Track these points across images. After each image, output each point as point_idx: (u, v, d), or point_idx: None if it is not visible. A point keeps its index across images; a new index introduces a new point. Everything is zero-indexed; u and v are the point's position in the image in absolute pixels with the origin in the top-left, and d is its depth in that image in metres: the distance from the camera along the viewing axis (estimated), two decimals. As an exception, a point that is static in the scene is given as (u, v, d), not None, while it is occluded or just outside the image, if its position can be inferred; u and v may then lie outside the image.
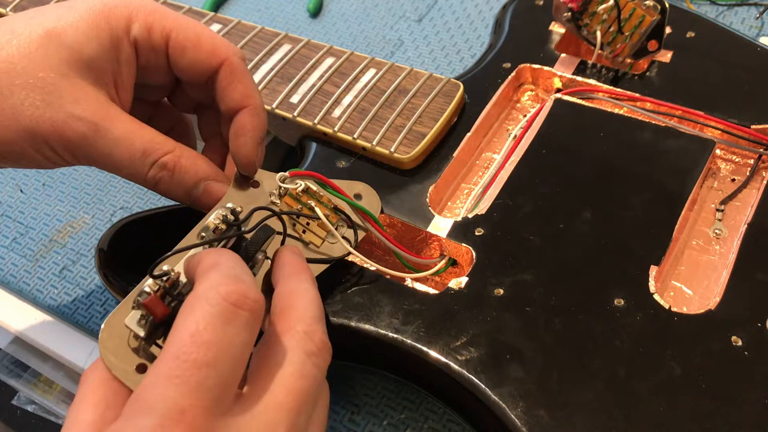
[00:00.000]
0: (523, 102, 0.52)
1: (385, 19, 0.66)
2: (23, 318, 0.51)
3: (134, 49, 0.37)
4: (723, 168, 0.47)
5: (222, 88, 0.39)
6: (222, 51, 0.38)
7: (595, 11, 0.50)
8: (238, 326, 0.27)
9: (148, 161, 0.36)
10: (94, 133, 0.35)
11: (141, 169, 0.36)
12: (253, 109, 0.39)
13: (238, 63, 0.39)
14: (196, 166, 0.38)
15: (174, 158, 0.37)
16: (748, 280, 0.39)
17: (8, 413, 0.58)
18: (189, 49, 0.38)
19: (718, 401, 0.35)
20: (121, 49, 0.37)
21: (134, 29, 0.37)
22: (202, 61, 0.38)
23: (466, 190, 0.48)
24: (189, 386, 0.26)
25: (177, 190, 0.38)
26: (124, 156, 0.36)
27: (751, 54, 0.50)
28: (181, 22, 0.38)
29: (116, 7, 0.37)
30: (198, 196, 0.38)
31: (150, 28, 0.37)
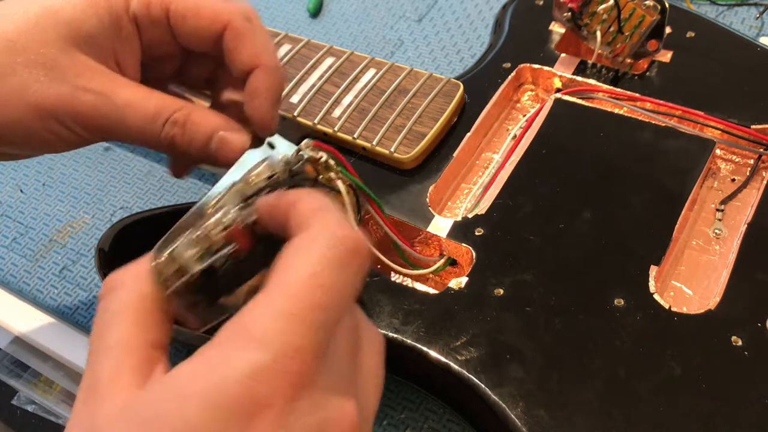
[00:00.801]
0: (523, 102, 0.52)
1: (385, 19, 0.66)
2: (23, 318, 0.51)
3: (135, 26, 0.37)
4: (723, 168, 0.47)
5: (229, 51, 0.37)
6: (223, 15, 0.37)
7: (595, 11, 0.50)
8: (351, 273, 0.26)
9: (160, 121, 0.36)
10: (104, 101, 0.35)
11: (155, 130, 0.36)
12: (265, 68, 0.37)
13: (242, 23, 0.37)
14: (207, 118, 0.37)
15: (184, 114, 0.36)
16: (748, 280, 0.39)
17: (8, 413, 0.58)
18: (189, 18, 0.37)
19: (718, 401, 0.35)
20: (122, 25, 0.36)
21: (133, 5, 0.36)
22: (205, 28, 0.37)
23: (466, 190, 0.48)
24: (305, 326, 0.24)
25: (193, 147, 0.37)
26: (137, 120, 0.35)
27: (751, 54, 0.50)
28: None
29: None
30: (214, 149, 0.37)
31: (148, 2, 0.37)
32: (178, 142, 0.36)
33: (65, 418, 0.54)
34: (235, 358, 0.24)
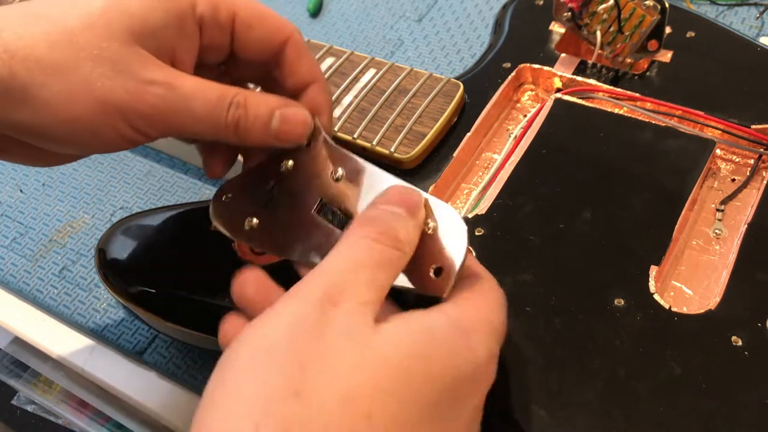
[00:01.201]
0: (523, 102, 0.52)
1: (385, 19, 0.66)
2: (23, 318, 0.51)
3: (198, 27, 0.36)
4: (723, 168, 0.47)
5: (290, 63, 0.38)
6: (287, 27, 0.38)
7: (595, 11, 0.50)
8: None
9: (224, 105, 0.35)
10: (171, 92, 0.34)
11: (220, 115, 0.36)
12: (322, 84, 0.39)
13: (301, 39, 0.38)
14: (264, 98, 0.37)
15: (243, 96, 0.36)
16: (749, 280, 0.39)
17: (8, 413, 0.58)
18: (256, 26, 0.37)
19: (718, 401, 0.35)
20: (186, 23, 0.36)
21: (200, 6, 0.36)
22: (270, 38, 0.38)
23: (466, 190, 0.48)
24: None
25: (256, 128, 0.36)
26: (203, 107, 0.35)
27: (751, 54, 0.50)
28: (243, 0, 0.37)
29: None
30: (278, 127, 0.37)
31: (215, 5, 0.36)
32: (242, 124, 0.36)
33: (65, 418, 0.54)
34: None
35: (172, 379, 0.47)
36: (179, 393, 0.46)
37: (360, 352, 0.27)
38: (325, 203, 0.36)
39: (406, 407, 0.26)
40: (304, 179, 0.37)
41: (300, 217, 0.36)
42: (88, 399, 0.54)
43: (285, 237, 0.36)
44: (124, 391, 0.47)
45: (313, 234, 0.35)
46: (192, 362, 0.47)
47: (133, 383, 0.47)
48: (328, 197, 0.36)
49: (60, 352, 0.50)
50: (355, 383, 0.26)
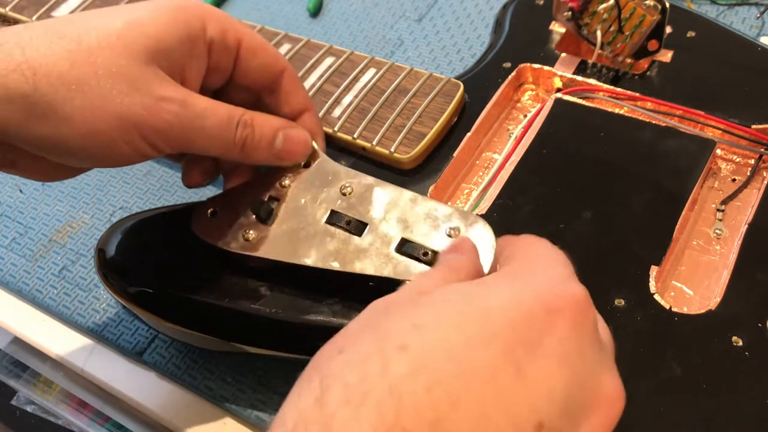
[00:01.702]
0: (523, 102, 0.52)
1: (385, 19, 0.66)
2: (23, 318, 0.51)
3: (207, 49, 0.38)
4: (723, 168, 0.47)
5: (286, 92, 0.41)
6: (282, 59, 0.41)
7: (596, 11, 0.50)
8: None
9: (233, 123, 0.38)
10: (185, 109, 0.36)
11: (230, 133, 0.38)
12: (313, 111, 0.43)
13: (294, 71, 0.42)
14: (269, 119, 0.40)
15: (250, 116, 0.39)
16: (749, 280, 0.39)
17: (8, 413, 0.58)
18: (259, 54, 0.40)
19: (718, 401, 0.35)
20: (197, 45, 0.38)
21: (210, 29, 0.38)
22: (270, 66, 0.40)
23: (467, 190, 0.48)
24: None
25: (261, 146, 0.39)
26: (215, 125, 0.37)
27: (752, 54, 0.50)
28: (247, 29, 0.40)
29: (193, 7, 0.38)
30: (281, 146, 0.40)
31: (224, 30, 0.38)
32: (248, 143, 0.39)
33: (65, 418, 0.54)
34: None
35: (171, 379, 0.47)
36: (179, 393, 0.46)
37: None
38: (335, 214, 0.40)
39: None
40: (309, 194, 0.41)
41: (311, 227, 0.40)
42: (88, 399, 0.54)
43: (295, 246, 0.39)
44: (124, 391, 0.47)
45: (329, 242, 0.39)
46: (192, 362, 0.47)
47: (132, 383, 0.47)
48: (341, 209, 0.40)
49: (59, 352, 0.49)
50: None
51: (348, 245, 0.39)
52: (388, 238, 0.39)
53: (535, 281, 0.29)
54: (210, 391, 0.45)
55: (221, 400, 0.45)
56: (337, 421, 0.24)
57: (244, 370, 0.46)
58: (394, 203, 0.40)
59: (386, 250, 0.38)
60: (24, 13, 0.56)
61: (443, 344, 0.26)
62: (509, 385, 0.25)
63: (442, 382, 0.25)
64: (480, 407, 0.25)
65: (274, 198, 0.41)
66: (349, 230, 0.39)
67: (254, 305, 0.40)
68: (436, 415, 0.24)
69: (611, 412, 0.27)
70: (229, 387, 0.45)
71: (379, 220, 0.39)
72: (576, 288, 0.29)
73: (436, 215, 0.39)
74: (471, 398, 0.25)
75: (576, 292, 0.28)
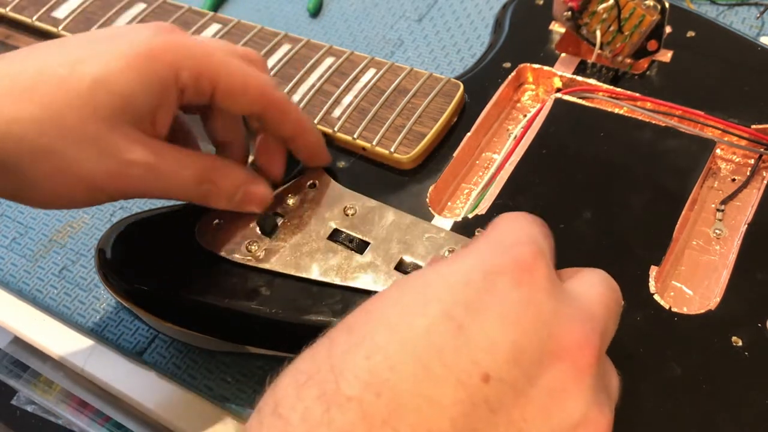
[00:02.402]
0: (523, 102, 0.52)
1: (385, 19, 0.66)
2: (23, 318, 0.51)
3: (180, 93, 0.38)
4: (723, 168, 0.47)
5: (275, 124, 0.41)
6: (268, 92, 0.39)
7: (595, 11, 0.50)
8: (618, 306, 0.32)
9: (198, 182, 0.38)
10: (149, 172, 0.36)
11: (192, 190, 0.38)
12: (309, 131, 0.43)
13: (281, 98, 0.40)
14: (234, 172, 0.40)
15: (216, 171, 0.39)
16: (749, 280, 0.39)
17: (8, 413, 0.58)
18: (238, 95, 0.39)
19: (718, 401, 0.35)
20: (167, 94, 0.37)
21: (183, 77, 0.37)
22: (251, 105, 0.40)
23: (467, 190, 0.48)
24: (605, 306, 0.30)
25: (221, 200, 0.39)
26: (179, 185, 0.38)
27: (752, 54, 0.50)
28: (227, 67, 0.38)
29: (164, 53, 0.36)
30: (239, 201, 0.40)
31: (198, 75, 0.37)
32: (209, 196, 0.39)
33: (65, 418, 0.54)
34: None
35: (172, 379, 0.47)
36: (179, 393, 0.46)
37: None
38: (337, 231, 0.42)
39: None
40: (313, 213, 0.43)
41: (314, 243, 0.41)
42: (88, 399, 0.54)
43: (297, 259, 0.41)
44: (124, 391, 0.47)
45: (331, 257, 0.41)
46: (192, 362, 0.47)
47: (132, 383, 0.47)
48: (344, 227, 0.42)
49: (60, 352, 0.49)
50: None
51: (350, 261, 0.40)
52: (388, 257, 0.40)
53: (478, 251, 0.29)
54: (210, 390, 0.46)
55: (221, 400, 0.45)
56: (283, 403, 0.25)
57: (244, 369, 0.46)
58: (396, 225, 0.42)
59: (386, 268, 0.40)
60: (24, 13, 0.56)
61: (382, 318, 0.27)
62: (447, 341, 0.26)
63: (380, 348, 0.25)
64: (419, 364, 0.25)
65: (278, 214, 0.43)
66: (351, 248, 0.41)
67: (254, 305, 0.40)
68: (377, 379, 0.25)
69: (579, 360, 0.27)
70: (229, 387, 0.45)
71: (381, 240, 0.41)
72: (519, 249, 0.29)
73: (435, 238, 0.41)
74: (409, 358, 0.25)
75: (517, 253, 0.28)
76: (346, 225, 0.42)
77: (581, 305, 0.29)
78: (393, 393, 0.25)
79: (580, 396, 0.27)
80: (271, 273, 0.41)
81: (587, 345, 0.27)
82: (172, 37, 0.37)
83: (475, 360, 0.25)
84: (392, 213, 0.43)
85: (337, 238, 0.42)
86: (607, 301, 0.31)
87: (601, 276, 0.32)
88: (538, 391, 0.26)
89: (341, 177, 0.45)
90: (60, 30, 0.54)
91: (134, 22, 0.53)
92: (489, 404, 0.25)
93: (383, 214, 0.42)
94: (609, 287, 0.32)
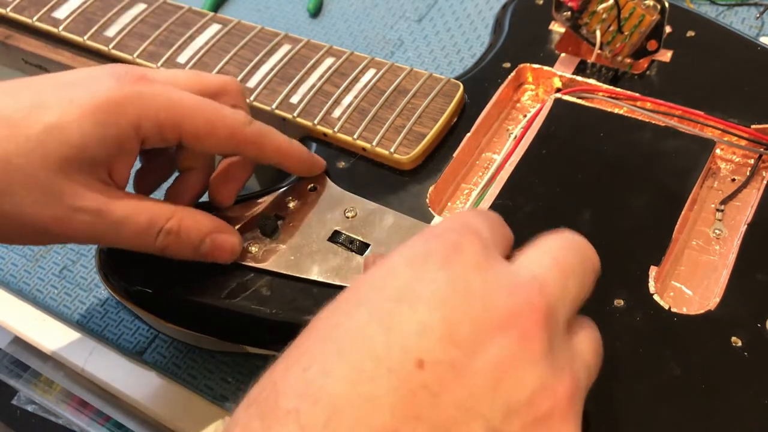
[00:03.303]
0: (523, 102, 0.52)
1: (385, 19, 0.66)
2: (23, 318, 0.51)
3: (139, 142, 0.37)
4: (723, 168, 0.47)
5: (252, 158, 0.41)
6: (238, 132, 0.38)
7: (595, 10, 0.50)
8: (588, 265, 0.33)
9: (154, 231, 0.37)
10: (98, 219, 0.36)
11: (149, 240, 0.37)
12: (291, 156, 0.42)
13: (255, 135, 0.39)
14: (199, 224, 0.39)
15: (176, 222, 0.38)
16: (748, 280, 0.39)
17: (8, 413, 0.58)
18: (205, 138, 0.38)
19: (718, 401, 0.35)
20: (126, 144, 0.36)
21: (144, 128, 0.36)
22: (221, 146, 0.39)
23: (466, 191, 0.48)
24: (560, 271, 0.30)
25: (185, 251, 0.39)
26: (130, 233, 0.37)
27: (752, 54, 0.50)
28: (193, 113, 0.37)
29: (124, 105, 0.36)
30: (205, 251, 0.39)
31: (161, 125, 0.37)
32: (170, 249, 0.38)
33: (65, 418, 0.54)
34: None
35: (172, 379, 0.47)
36: (179, 393, 0.46)
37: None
38: (337, 233, 0.42)
39: None
40: (314, 215, 0.43)
41: (314, 244, 0.42)
42: (88, 399, 0.54)
43: (298, 260, 0.41)
44: (124, 390, 0.47)
45: (331, 258, 0.41)
46: (192, 362, 0.47)
47: (133, 383, 0.47)
48: (344, 229, 0.42)
49: (60, 352, 0.50)
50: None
51: (350, 262, 0.41)
52: None
53: (408, 243, 0.29)
54: (210, 390, 0.46)
55: (221, 400, 0.45)
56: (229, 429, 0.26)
57: (244, 369, 0.46)
58: (396, 228, 0.42)
59: None
60: (24, 14, 0.56)
61: (320, 330, 0.27)
62: (377, 337, 0.26)
63: (315, 358, 0.26)
64: (351, 365, 0.25)
65: (279, 216, 0.43)
66: (352, 249, 0.41)
67: (254, 305, 0.40)
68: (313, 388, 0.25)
69: (523, 327, 0.26)
70: (229, 386, 0.45)
71: (381, 241, 0.41)
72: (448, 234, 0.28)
73: None
74: (343, 362, 0.25)
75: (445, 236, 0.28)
76: (346, 227, 0.42)
77: (523, 272, 0.28)
78: (329, 398, 0.24)
79: (532, 364, 0.26)
80: (272, 274, 0.41)
81: (530, 310, 0.26)
82: (136, 88, 0.36)
83: (406, 347, 0.25)
84: (392, 215, 0.43)
85: (338, 240, 0.42)
86: (564, 262, 0.30)
87: (560, 239, 0.31)
88: (482, 365, 0.25)
89: (341, 177, 0.45)
90: (60, 30, 0.54)
91: (135, 23, 0.53)
92: (429, 388, 0.25)
93: (383, 217, 0.43)
94: (570, 248, 0.31)
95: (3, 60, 0.60)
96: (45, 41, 0.56)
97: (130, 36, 0.53)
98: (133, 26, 0.53)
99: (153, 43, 0.52)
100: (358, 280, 0.28)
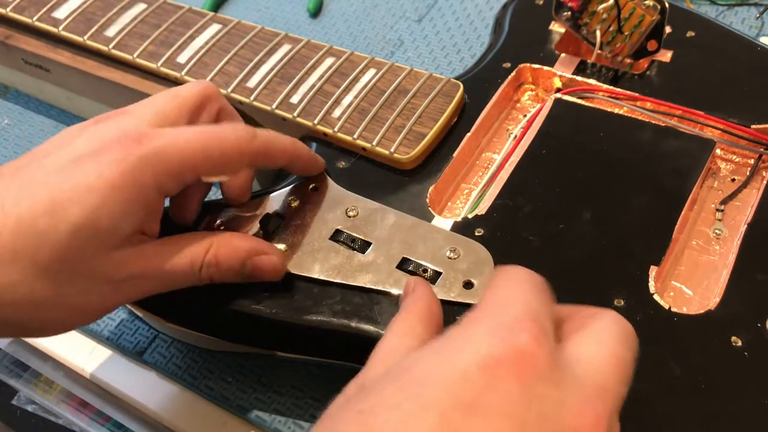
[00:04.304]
0: (523, 102, 0.52)
1: (385, 19, 0.66)
2: (23, 318, 0.51)
3: (164, 197, 0.37)
4: (723, 168, 0.47)
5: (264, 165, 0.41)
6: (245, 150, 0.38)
7: (595, 11, 0.50)
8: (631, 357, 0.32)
9: (196, 269, 0.38)
10: (143, 279, 0.36)
11: (194, 278, 0.38)
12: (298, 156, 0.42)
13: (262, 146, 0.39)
14: (236, 250, 0.39)
15: (213, 253, 0.38)
16: (748, 280, 0.39)
17: (8, 413, 0.58)
18: (219, 168, 0.38)
19: (717, 401, 0.35)
20: (152, 205, 0.36)
21: (165, 185, 0.36)
22: (234, 168, 0.39)
23: (466, 190, 0.48)
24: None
25: (228, 276, 0.39)
26: (178, 278, 0.37)
27: (752, 54, 0.50)
28: (202, 146, 0.37)
29: (140, 173, 0.35)
30: (248, 274, 0.39)
31: (179, 175, 0.36)
32: (216, 278, 0.38)
33: (65, 418, 0.54)
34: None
35: (172, 379, 0.47)
36: (179, 393, 0.46)
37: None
38: (339, 232, 0.42)
39: None
40: (315, 214, 0.43)
41: (316, 243, 0.42)
42: (88, 399, 0.54)
43: (300, 258, 0.41)
44: (124, 391, 0.47)
45: (333, 257, 0.41)
46: (192, 362, 0.47)
47: (133, 383, 0.47)
48: (346, 228, 0.42)
49: (60, 352, 0.50)
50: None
51: (351, 261, 0.41)
52: (390, 256, 0.41)
53: (477, 336, 0.28)
54: (210, 390, 0.46)
55: (222, 400, 0.45)
56: None
57: (244, 369, 0.46)
58: (397, 227, 0.42)
59: (388, 267, 0.40)
60: (24, 14, 0.56)
61: (384, 426, 0.26)
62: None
63: None
64: None
65: (281, 215, 0.43)
66: (353, 247, 0.41)
67: (254, 305, 0.40)
68: None
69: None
70: (229, 387, 0.45)
71: (383, 240, 0.42)
72: (519, 335, 0.28)
73: (437, 238, 0.41)
74: None
75: (516, 340, 0.27)
76: (348, 226, 0.42)
77: (589, 381, 0.28)
78: None
79: None
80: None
81: (593, 424, 0.27)
82: (142, 149, 0.35)
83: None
84: (393, 215, 0.43)
85: (339, 239, 0.42)
86: (619, 360, 0.30)
87: (611, 324, 0.31)
88: None
89: (341, 177, 0.45)
90: (60, 30, 0.54)
91: (135, 23, 0.53)
92: None
93: (385, 216, 0.43)
94: (620, 337, 0.31)
95: (3, 60, 0.60)
96: (45, 41, 0.56)
97: (130, 36, 0.53)
98: (133, 26, 0.53)
99: (153, 43, 0.52)
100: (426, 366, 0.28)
